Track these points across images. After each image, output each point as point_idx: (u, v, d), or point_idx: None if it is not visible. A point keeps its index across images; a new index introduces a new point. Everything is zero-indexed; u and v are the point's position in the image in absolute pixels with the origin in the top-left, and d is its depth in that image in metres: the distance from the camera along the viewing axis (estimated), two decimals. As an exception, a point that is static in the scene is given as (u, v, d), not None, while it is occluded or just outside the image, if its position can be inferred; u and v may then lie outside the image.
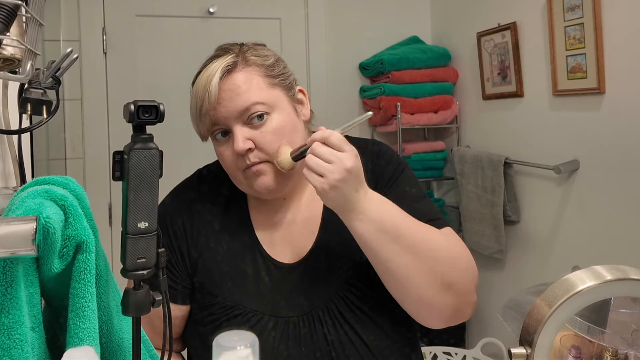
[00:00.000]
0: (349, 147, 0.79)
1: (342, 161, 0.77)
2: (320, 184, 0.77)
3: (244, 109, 0.85)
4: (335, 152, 0.78)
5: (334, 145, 0.78)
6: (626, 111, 1.61)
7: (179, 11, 2.35)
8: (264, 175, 0.87)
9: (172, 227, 0.94)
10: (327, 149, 0.78)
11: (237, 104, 0.85)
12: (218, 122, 0.87)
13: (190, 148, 1.84)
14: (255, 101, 0.85)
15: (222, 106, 0.85)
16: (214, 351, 0.53)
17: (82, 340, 0.56)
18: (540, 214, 1.99)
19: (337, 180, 0.77)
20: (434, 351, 2.20)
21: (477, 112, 2.37)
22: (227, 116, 0.86)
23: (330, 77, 2.51)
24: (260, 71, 0.89)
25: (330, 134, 0.79)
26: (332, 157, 0.77)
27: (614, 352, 0.67)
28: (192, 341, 0.95)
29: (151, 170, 0.55)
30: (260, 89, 0.87)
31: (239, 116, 0.86)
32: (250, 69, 0.88)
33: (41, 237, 0.52)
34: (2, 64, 0.65)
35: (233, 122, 0.86)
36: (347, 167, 0.77)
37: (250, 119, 0.86)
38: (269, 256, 0.92)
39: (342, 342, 0.87)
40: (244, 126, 0.86)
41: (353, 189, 0.79)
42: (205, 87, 0.85)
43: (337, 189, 0.77)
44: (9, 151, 0.91)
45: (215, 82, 0.85)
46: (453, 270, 0.84)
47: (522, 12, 2.02)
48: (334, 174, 0.77)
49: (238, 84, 0.86)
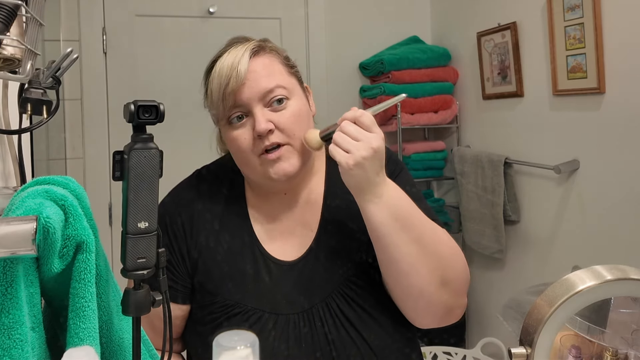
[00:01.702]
0: (377, 129, 0.81)
1: (370, 140, 0.79)
2: (345, 159, 0.79)
3: (268, 91, 0.87)
4: (364, 131, 0.80)
5: (363, 125, 0.80)
6: (626, 111, 1.61)
7: (179, 11, 2.35)
8: (282, 162, 0.87)
9: (171, 227, 0.95)
10: (356, 127, 0.80)
11: (262, 85, 0.87)
12: (240, 104, 0.87)
13: (190, 148, 1.84)
14: (278, 84, 0.88)
15: (247, 87, 0.87)
16: (214, 351, 0.53)
17: (82, 340, 0.56)
18: (540, 214, 1.99)
19: (362, 158, 0.78)
20: (434, 351, 2.20)
21: (477, 112, 2.37)
22: (251, 97, 0.87)
23: (330, 77, 2.51)
24: (280, 59, 0.92)
25: (362, 114, 0.81)
26: (360, 135, 0.79)
27: (614, 352, 0.67)
28: (192, 341, 0.95)
29: (151, 170, 0.55)
30: (281, 74, 0.90)
31: (262, 98, 0.87)
32: (272, 55, 0.91)
33: (41, 237, 0.52)
34: (2, 64, 0.65)
35: (255, 104, 0.87)
36: (374, 146, 0.79)
37: (270, 102, 0.87)
38: (268, 254, 0.92)
39: (342, 340, 0.87)
40: (264, 108, 0.87)
41: (375, 171, 0.80)
42: (232, 66, 0.86)
43: (361, 166, 0.78)
44: (9, 151, 0.91)
45: (245, 62, 0.86)
46: (452, 268, 0.86)
47: (522, 12, 2.02)
48: (360, 151, 0.78)
49: (263, 67, 0.88)
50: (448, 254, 0.86)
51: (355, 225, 0.92)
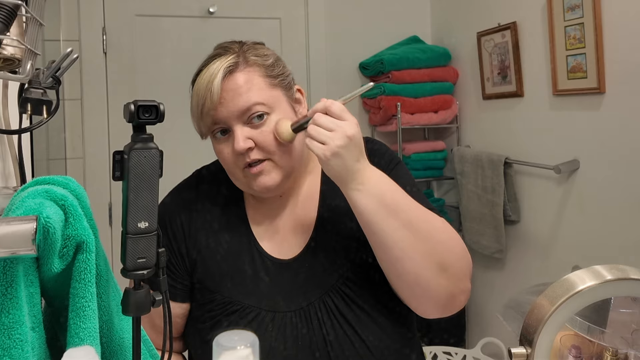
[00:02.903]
0: (349, 116, 0.81)
1: (343, 128, 0.79)
2: (322, 151, 0.79)
3: (245, 109, 0.86)
4: (337, 120, 0.80)
5: (334, 115, 0.81)
6: (626, 111, 1.61)
7: (179, 11, 2.34)
8: (264, 175, 0.88)
9: (170, 227, 0.95)
10: (328, 118, 0.80)
11: (238, 104, 0.86)
12: (219, 122, 0.88)
13: (190, 148, 1.84)
14: (255, 101, 0.86)
15: (224, 106, 0.86)
16: (214, 351, 0.53)
17: (83, 340, 0.56)
18: (540, 213, 1.99)
19: (338, 147, 0.78)
20: (434, 351, 2.21)
21: (477, 112, 2.37)
22: (228, 116, 0.86)
23: (330, 77, 2.50)
24: (261, 71, 0.89)
25: (331, 104, 0.81)
26: (333, 125, 0.80)
27: (614, 352, 0.67)
28: (192, 339, 0.95)
29: (151, 170, 0.55)
30: (260, 90, 0.88)
31: (240, 116, 0.86)
32: (251, 69, 0.88)
33: (41, 237, 0.52)
34: (2, 63, 0.65)
35: (234, 122, 0.87)
36: (348, 134, 0.79)
37: (250, 119, 0.87)
38: (266, 253, 0.93)
39: (339, 339, 0.88)
40: (244, 126, 0.87)
41: (354, 158, 0.80)
42: (207, 86, 0.86)
43: (339, 155, 0.79)
44: (9, 151, 0.91)
45: (217, 82, 0.85)
46: (449, 253, 0.84)
47: (522, 12, 2.02)
48: (335, 141, 0.78)
49: (239, 84, 0.86)
50: (443, 238, 0.85)
51: (353, 223, 0.92)
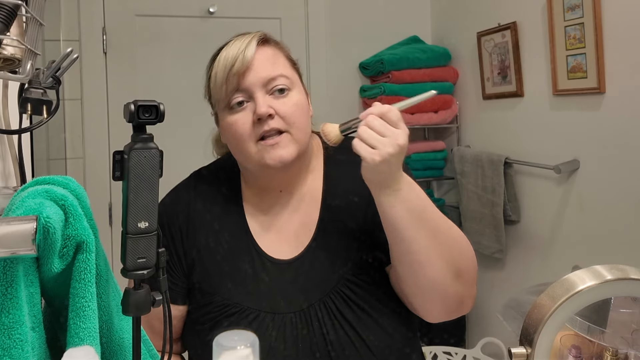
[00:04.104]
0: (403, 126, 0.80)
1: (397, 136, 0.77)
2: (370, 155, 0.77)
3: (271, 79, 0.88)
4: (390, 127, 0.78)
5: (390, 121, 0.79)
6: (626, 111, 1.61)
7: (179, 11, 2.34)
8: (281, 148, 0.87)
9: (169, 227, 0.95)
10: (382, 122, 0.78)
11: (266, 72, 0.88)
12: (242, 88, 0.88)
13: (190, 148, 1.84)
14: (282, 73, 0.89)
15: (252, 71, 0.88)
16: (214, 351, 0.53)
17: (83, 340, 0.56)
18: (540, 213, 1.99)
19: (389, 154, 0.76)
20: (434, 351, 2.20)
21: (477, 112, 2.37)
22: (254, 82, 0.87)
23: (330, 77, 2.50)
24: (285, 53, 0.95)
25: (389, 109, 0.79)
26: (387, 131, 0.78)
27: (614, 352, 0.67)
28: (192, 341, 0.95)
29: (151, 170, 0.55)
30: (285, 66, 0.92)
31: (265, 84, 0.88)
32: (277, 48, 0.93)
33: (41, 237, 0.52)
34: (2, 63, 0.65)
35: (257, 89, 0.88)
36: (401, 143, 0.77)
37: (273, 90, 0.88)
38: (265, 253, 0.92)
39: (340, 340, 0.87)
40: (266, 95, 0.88)
41: (398, 167, 0.80)
42: (239, 49, 0.88)
43: (387, 163, 0.77)
44: (9, 151, 0.91)
45: (252, 46, 0.88)
46: (465, 259, 0.86)
47: (522, 12, 2.02)
48: (387, 147, 0.76)
49: (269, 55, 0.90)
50: (462, 245, 0.87)
51: (355, 224, 0.92)
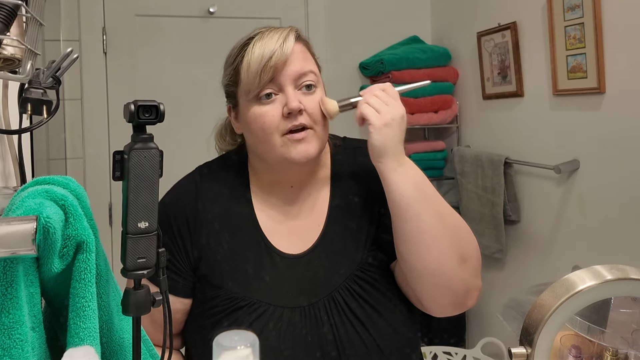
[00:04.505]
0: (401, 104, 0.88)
1: (398, 107, 0.86)
2: (376, 117, 0.85)
3: (303, 73, 0.90)
4: (392, 99, 0.87)
5: (391, 94, 0.88)
6: (626, 111, 1.61)
7: (179, 11, 2.34)
8: (307, 143, 0.88)
9: (175, 221, 0.94)
10: (385, 94, 0.88)
11: (299, 67, 0.89)
12: (274, 81, 0.89)
13: (191, 148, 1.84)
14: (311, 69, 0.91)
15: (288, 65, 0.89)
16: (214, 351, 0.53)
17: (83, 340, 0.56)
18: (540, 213, 1.99)
19: (392, 119, 0.85)
20: (434, 351, 2.20)
21: (477, 112, 2.37)
22: (288, 75, 0.89)
23: (330, 77, 2.48)
24: (312, 50, 0.97)
25: (389, 86, 0.89)
26: (390, 101, 0.87)
27: (614, 352, 0.67)
28: (192, 337, 0.95)
29: (151, 170, 0.55)
30: (313, 63, 0.94)
31: (296, 79, 0.89)
32: (305, 44, 0.95)
33: (41, 237, 0.52)
34: (2, 63, 0.65)
35: (288, 83, 0.89)
36: (401, 112, 0.86)
37: (301, 85, 0.90)
38: (273, 247, 0.92)
39: (349, 335, 0.88)
40: (295, 90, 0.89)
41: (400, 136, 0.86)
42: (278, 41, 0.89)
43: (390, 127, 0.85)
44: (9, 151, 0.91)
45: (291, 40, 0.89)
46: (469, 245, 0.88)
47: (522, 12, 2.02)
48: (391, 112, 0.85)
49: (303, 50, 0.93)
50: (464, 228, 0.88)
51: (363, 222, 0.93)
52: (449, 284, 0.85)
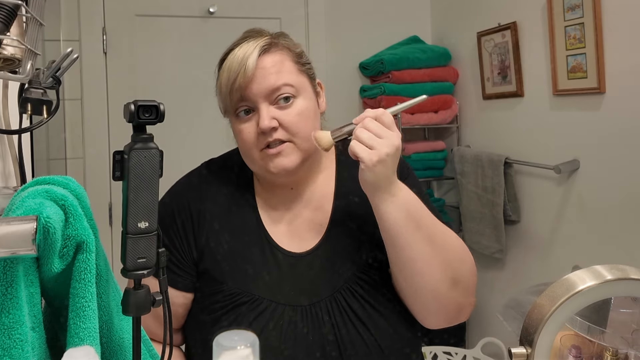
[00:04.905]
0: (396, 129, 0.82)
1: (392, 138, 0.80)
2: (369, 155, 0.79)
3: (275, 89, 0.88)
4: (385, 129, 0.81)
5: (385, 124, 0.81)
6: (626, 111, 1.61)
7: (179, 11, 2.34)
8: (283, 157, 0.88)
9: (179, 215, 0.95)
10: (378, 125, 0.81)
11: (269, 83, 0.87)
12: (246, 99, 0.88)
13: (191, 148, 1.84)
14: (285, 82, 0.88)
15: (255, 83, 0.87)
16: (214, 351, 0.53)
17: (83, 340, 0.56)
18: (540, 213, 1.99)
19: (386, 154, 0.78)
20: (434, 351, 2.20)
21: (477, 112, 2.37)
22: (257, 93, 0.87)
23: (330, 77, 2.50)
24: (291, 56, 0.92)
25: (383, 112, 0.82)
26: (383, 132, 0.80)
27: (614, 352, 0.67)
28: (192, 334, 0.95)
29: (151, 170, 0.55)
30: (290, 73, 0.90)
31: (268, 95, 0.88)
32: (283, 52, 0.91)
33: (41, 237, 0.52)
34: (2, 63, 0.65)
35: (261, 100, 0.88)
36: (396, 144, 0.80)
37: (277, 100, 0.88)
38: (277, 244, 0.93)
39: (350, 335, 0.88)
40: (270, 105, 0.88)
41: (393, 169, 0.81)
42: (241, 62, 0.87)
43: (384, 163, 0.79)
44: (9, 151, 0.91)
45: (253, 58, 0.87)
46: (462, 267, 0.87)
47: (522, 12, 2.02)
48: (384, 148, 0.79)
49: (272, 64, 0.88)
50: (458, 252, 0.87)
51: (366, 223, 0.93)
52: (441, 305, 0.87)
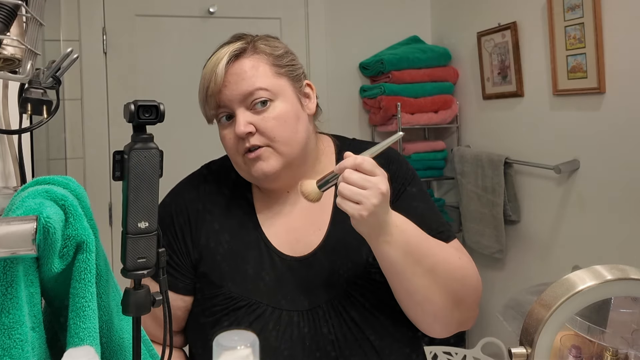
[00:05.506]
0: (380, 171, 0.78)
1: (377, 186, 0.76)
2: (358, 212, 0.76)
3: (248, 94, 0.88)
4: (369, 177, 0.77)
5: (366, 171, 0.77)
6: (626, 111, 1.61)
7: (179, 11, 2.34)
8: (262, 161, 0.88)
9: (177, 219, 0.95)
10: (360, 175, 0.76)
11: (242, 88, 0.88)
12: (223, 105, 0.89)
13: (191, 148, 1.84)
14: (259, 87, 0.88)
15: (227, 89, 0.88)
16: (214, 351, 0.53)
17: (83, 340, 0.56)
18: (540, 213, 1.99)
19: (374, 206, 0.75)
20: (434, 351, 2.20)
21: (477, 112, 2.37)
22: (231, 99, 0.88)
23: (330, 77, 2.50)
24: (268, 60, 0.91)
25: (362, 161, 0.77)
26: (367, 183, 0.76)
27: (614, 352, 0.67)
28: (193, 334, 0.95)
29: (151, 170, 0.55)
30: (265, 76, 0.89)
31: (242, 100, 0.88)
32: (258, 57, 0.90)
33: (41, 237, 0.52)
34: (2, 63, 0.65)
35: (237, 106, 0.88)
36: (383, 191, 0.76)
37: (253, 104, 0.88)
38: (275, 248, 0.92)
39: (346, 338, 0.88)
40: (246, 110, 0.88)
41: (385, 213, 0.79)
42: (212, 69, 0.88)
43: (374, 214, 0.76)
44: (9, 151, 0.91)
45: (222, 65, 0.88)
46: (464, 288, 0.88)
47: (522, 12, 2.02)
48: (371, 199, 0.75)
49: (244, 69, 0.88)
50: (460, 275, 0.87)
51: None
52: (444, 324, 0.88)
